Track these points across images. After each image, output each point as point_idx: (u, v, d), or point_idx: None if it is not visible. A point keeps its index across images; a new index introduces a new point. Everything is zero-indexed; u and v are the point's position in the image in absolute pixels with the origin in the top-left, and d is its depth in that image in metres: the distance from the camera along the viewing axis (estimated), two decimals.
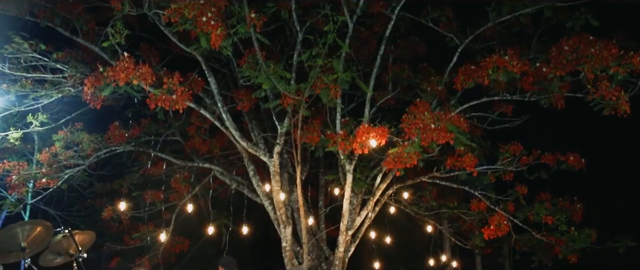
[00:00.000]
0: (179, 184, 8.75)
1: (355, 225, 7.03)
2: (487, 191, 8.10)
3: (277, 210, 6.98)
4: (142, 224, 9.10)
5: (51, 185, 7.91)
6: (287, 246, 6.84)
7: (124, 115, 8.62)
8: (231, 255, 7.41)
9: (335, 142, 6.31)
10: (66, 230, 5.62)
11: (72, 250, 5.69)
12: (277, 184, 6.93)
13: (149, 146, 8.29)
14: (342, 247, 6.92)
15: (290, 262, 6.80)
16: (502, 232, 7.97)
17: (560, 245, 8.25)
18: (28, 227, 5.32)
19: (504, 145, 7.90)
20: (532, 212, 7.98)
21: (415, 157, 5.77)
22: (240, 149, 7.46)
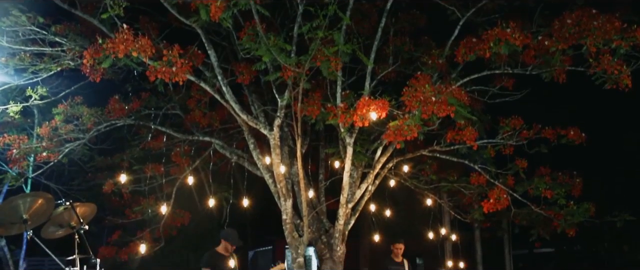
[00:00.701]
0: (179, 157, 8.77)
1: (355, 198, 7.06)
2: (487, 165, 8.12)
3: (278, 183, 7.00)
4: (142, 197, 9.14)
5: (52, 159, 7.94)
6: (288, 219, 6.87)
7: (123, 89, 8.60)
8: (232, 228, 7.45)
9: (335, 114, 6.30)
10: (67, 203, 5.64)
11: (74, 223, 5.71)
12: (277, 157, 6.93)
13: (149, 120, 8.28)
14: (342, 219, 6.96)
15: (291, 234, 6.84)
16: (502, 206, 8.01)
17: (558, 219, 8.30)
18: (29, 199, 5.34)
19: (504, 119, 7.89)
20: (532, 186, 8.02)
21: (415, 130, 5.76)
22: (240, 122, 7.45)
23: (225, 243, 7.06)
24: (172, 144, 8.80)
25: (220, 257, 7.08)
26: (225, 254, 7.07)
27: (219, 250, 7.12)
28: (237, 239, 7.02)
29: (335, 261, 6.99)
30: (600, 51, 6.37)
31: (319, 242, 7.26)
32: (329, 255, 7.07)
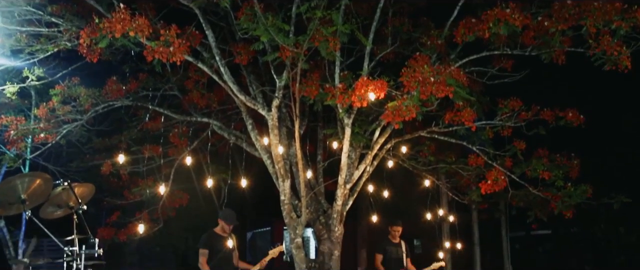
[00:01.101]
0: (177, 138, 8.77)
1: (354, 179, 7.06)
2: (485, 146, 8.12)
3: (276, 164, 7.00)
4: (141, 179, 9.15)
5: (49, 140, 7.93)
6: (286, 199, 6.88)
7: (121, 70, 8.56)
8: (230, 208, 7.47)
9: (333, 95, 6.28)
10: (65, 183, 5.65)
11: (72, 203, 5.72)
12: (275, 138, 6.93)
13: (147, 101, 8.26)
14: (340, 200, 6.97)
15: (289, 215, 6.85)
16: (499, 187, 8.02)
17: (556, 201, 8.33)
18: (27, 179, 5.34)
19: (503, 100, 7.88)
20: (530, 168, 8.03)
21: (414, 110, 5.75)
22: (238, 102, 7.43)
23: (222, 223, 7.08)
24: (170, 125, 8.79)
25: (218, 237, 7.11)
26: (223, 235, 7.10)
27: (217, 231, 7.15)
28: (235, 219, 7.04)
29: (333, 241, 7.02)
30: (600, 32, 6.33)
31: (317, 223, 7.28)
32: (327, 236, 7.10)
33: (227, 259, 7.11)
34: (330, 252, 7.02)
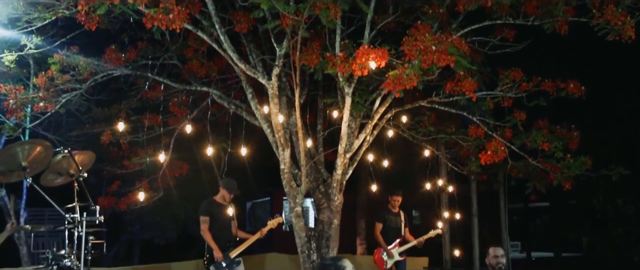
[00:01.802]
0: (177, 107, 8.76)
1: (353, 148, 7.06)
2: (485, 117, 8.11)
3: (276, 133, 7.00)
4: (141, 148, 9.16)
5: (49, 110, 7.92)
6: (286, 168, 6.89)
7: (120, 39, 8.50)
8: (231, 177, 7.50)
9: (334, 64, 6.24)
10: (66, 150, 5.66)
11: (73, 170, 5.75)
12: (275, 107, 6.91)
13: (146, 70, 8.21)
14: (340, 169, 6.98)
15: (289, 184, 6.88)
16: (499, 158, 8.04)
17: (555, 172, 8.35)
18: (27, 147, 5.35)
19: (504, 71, 7.84)
20: (529, 139, 8.02)
21: (415, 79, 5.72)
22: (238, 71, 7.39)
23: (223, 191, 7.13)
24: (170, 94, 8.76)
25: (218, 205, 7.15)
26: (223, 203, 7.15)
27: (217, 199, 7.19)
28: (236, 189, 7.09)
29: (333, 210, 7.05)
30: (604, 1, 6.28)
31: (316, 192, 7.31)
32: (327, 205, 7.14)
33: (226, 226, 7.18)
34: (329, 221, 7.06)
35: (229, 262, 7.01)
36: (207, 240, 7.00)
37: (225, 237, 7.13)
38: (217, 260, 6.92)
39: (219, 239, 7.03)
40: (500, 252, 5.69)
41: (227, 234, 7.21)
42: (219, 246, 6.97)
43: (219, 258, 6.90)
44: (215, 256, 6.92)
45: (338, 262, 3.43)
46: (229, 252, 7.05)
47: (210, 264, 7.00)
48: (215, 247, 6.93)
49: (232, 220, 7.32)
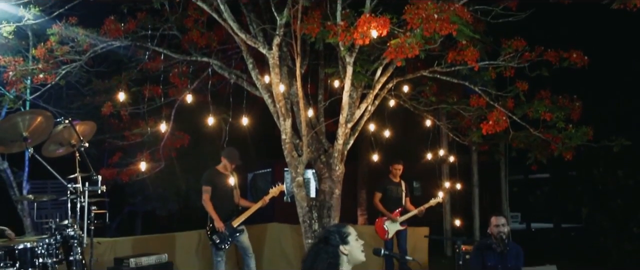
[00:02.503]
0: (177, 78, 8.72)
1: (355, 118, 7.04)
2: (487, 87, 8.07)
3: (277, 103, 6.97)
4: (142, 120, 9.16)
5: (49, 81, 7.89)
6: (287, 139, 6.89)
7: (119, 10, 8.42)
8: (233, 147, 7.52)
9: (335, 33, 6.18)
10: (66, 121, 5.66)
11: (74, 141, 5.76)
12: (276, 77, 6.87)
13: (146, 41, 8.16)
14: (341, 139, 6.97)
15: (290, 154, 6.88)
16: (500, 128, 8.03)
17: (556, 143, 8.33)
18: (28, 117, 5.35)
19: (506, 40, 7.77)
20: (531, 109, 7.99)
21: (417, 48, 5.67)
22: (238, 41, 7.33)
23: (225, 161, 7.16)
24: (170, 65, 8.71)
25: (219, 175, 7.19)
26: (225, 173, 7.18)
27: (219, 168, 7.23)
28: (237, 158, 7.12)
29: (334, 180, 7.07)
30: None
31: (317, 162, 7.32)
32: (328, 175, 7.15)
33: (228, 196, 7.23)
34: (331, 190, 7.08)
35: (231, 231, 7.07)
36: (209, 210, 7.05)
37: (227, 207, 7.18)
38: (218, 230, 6.98)
39: (221, 208, 7.08)
40: (502, 221, 5.72)
41: (229, 204, 7.26)
42: (220, 216, 7.02)
43: (221, 228, 6.96)
44: (216, 226, 6.97)
45: (342, 228, 3.44)
46: (231, 222, 7.10)
47: (212, 234, 7.07)
48: (216, 217, 6.98)
49: (234, 189, 7.35)
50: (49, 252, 5.08)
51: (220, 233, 7.02)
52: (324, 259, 3.31)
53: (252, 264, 7.29)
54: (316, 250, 3.39)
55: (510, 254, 5.67)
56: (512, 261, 5.66)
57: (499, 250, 5.68)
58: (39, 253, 5.00)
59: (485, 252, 5.73)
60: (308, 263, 3.37)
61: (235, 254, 7.99)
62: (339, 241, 3.36)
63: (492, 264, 5.66)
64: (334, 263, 3.32)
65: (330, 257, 3.31)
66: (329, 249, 3.34)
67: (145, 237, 8.13)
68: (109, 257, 6.97)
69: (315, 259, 3.33)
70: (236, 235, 7.18)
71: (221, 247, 7.08)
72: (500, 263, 5.66)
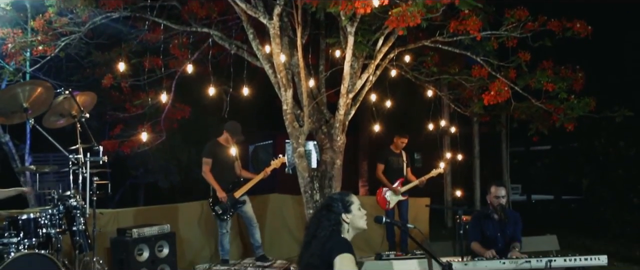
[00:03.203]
0: (177, 49, 8.67)
1: (356, 88, 7.01)
2: (489, 57, 8.02)
3: (278, 74, 6.94)
4: (142, 92, 9.14)
5: (48, 53, 7.86)
6: (288, 109, 6.87)
7: None
8: (236, 121, 7.51)
9: (336, 2, 6.11)
10: (67, 92, 5.65)
11: (74, 112, 5.76)
12: (277, 47, 6.82)
13: (146, 11, 8.08)
14: (343, 109, 6.96)
15: (291, 124, 6.87)
16: (502, 98, 8.00)
17: (558, 113, 8.31)
18: (28, 88, 5.34)
19: (509, 10, 7.69)
20: (533, 80, 7.94)
21: (418, 16, 5.61)
22: (239, 11, 7.26)
23: (227, 134, 7.17)
24: (170, 36, 8.65)
25: (221, 146, 7.21)
26: (226, 145, 7.19)
27: (221, 140, 7.24)
28: (239, 133, 7.13)
29: (335, 151, 7.07)
30: None
31: (319, 133, 7.31)
32: (329, 145, 7.15)
33: (229, 167, 7.25)
34: (332, 161, 7.09)
35: (233, 202, 7.11)
36: (210, 181, 7.09)
37: (228, 178, 7.21)
38: (221, 201, 7.02)
39: (222, 180, 7.12)
40: (502, 192, 5.73)
41: (230, 175, 7.29)
42: (222, 187, 7.06)
43: (223, 198, 7.00)
44: (219, 196, 7.01)
45: (345, 196, 3.46)
46: (232, 193, 7.13)
47: (215, 205, 7.11)
48: (218, 187, 7.02)
49: (236, 161, 7.37)
50: (52, 223, 5.11)
51: (222, 204, 7.06)
52: (326, 226, 3.34)
53: (256, 234, 7.36)
54: (319, 217, 3.42)
55: (508, 222, 5.71)
56: (510, 228, 5.70)
57: (497, 219, 5.71)
58: (43, 223, 5.03)
59: (483, 221, 5.76)
60: (311, 229, 3.41)
61: (236, 224, 8.03)
62: (341, 209, 3.39)
63: (491, 233, 5.70)
64: (336, 230, 3.35)
65: (333, 225, 3.34)
66: (331, 216, 3.37)
67: (148, 208, 8.18)
68: (112, 227, 7.01)
69: (318, 226, 3.36)
70: (238, 206, 7.22)
71: (224, 218, 7.13)
72: (498, 232, 5.70)
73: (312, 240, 3.34)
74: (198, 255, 7.89)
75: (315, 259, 3.24)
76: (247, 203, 7.31)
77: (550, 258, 5.02)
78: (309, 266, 3.26)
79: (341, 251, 3.12)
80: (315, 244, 3.30)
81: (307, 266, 3.28)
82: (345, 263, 3.08)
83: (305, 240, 3.43)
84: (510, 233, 5.69)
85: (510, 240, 5.64)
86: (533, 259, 5.02)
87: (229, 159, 7.30)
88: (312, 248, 3.30)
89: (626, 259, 8.63)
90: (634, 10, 11.33)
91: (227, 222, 7.20)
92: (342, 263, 3.07)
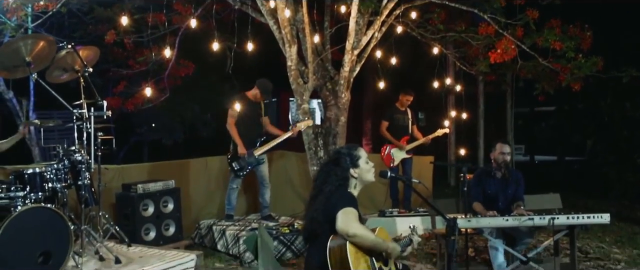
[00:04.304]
0: (181, 5, 8.55)
1: (361, 45, 6.92)
2: (496, 15, 7.89)
3: (282, 29, 6.83)
4: (146, 49, 9.07)
5: (50, 9, 7.76)
6: (292, 65, 6.80)
7: None
8: (237, 78, 7.41)
9: None
10: (69, 46, 5.59)
11: (77, 66, 5.70)
12: (281, 2, 6.68)
13: None
14: (348, 66, 6.88)
15: (296, 81, 6.81)
16: (509, 57, 7.92)
17: (565, 73, 8.25)
18: (30, 41, 5.27)
19: None
20: (541, 38, 7.84)
21: None
22: None
23: (257, 91, 7.09)
24: None
25: (249, 101, 7.15)
26: (254, 100, 7.13)
27: (249, 95, 7.18)
28: (269, 93, 7.06)
29: (340, 108, 7.04)
30: None
31: (323, 89, 7.26)
32: (334, 102, 7.11)
33: (254, 123, 7.19)
34: (336, 118, 7.06)
35: (252, 159, 7.05)
36: (232, 135, 7.01)
37: (251, 134, 7.12)
38: (240, 156, 6.97)
39: (245, 135, 7.04)
40: (507, 149, 5.72)
41: (254, 132, 7.19)
42: (244, 142, 7.00)
43: (243, 154, 6.95)
44: (239, 151, 6.96)
45: (353, 150, 3.44)
46: (253, 150, 7.08)
47: (233, 160, 7.07)
48: (240, 143, 6.96)
49: (261, 117, 7.29)
50: (58, 177, 5.12)
51: (241, 160, 7.00)
52: (333, 181, 3.33)
53: (266, 194, 7.36)
54: (327, 170, 3.41)
55: (511, 181, 5.71)
56: (512, 188, 5.70)
57: (499, 176, 5.71)
58: (48, 178, 5.04)
59: (485, 179, 5.76)
60: (318, 183, 3.41)
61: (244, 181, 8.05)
62: (349, 164, 3.38)
63: (492, 191, 5.71)
64: (343, 185, 3.35)
65: (340, 180, 3.34)
66: (338, 171, 3.36)
67: (153, 164, 8.19)
68: (117, 183, 7.05)
69: (325, 181, 3.36)
70: (256, 165, 7.17)
71: (239, 174, 7.08)
72: (500, 191, 5.70)
73: (319, 194, 3.34)
74: (202, 211, 7.96)
75: (319, 213, 3.25)
76: (265, 163, 7.29)
77: (553, 216, 5.03)
78: (313, 221, 3.27)
79: (344, 206, 3.13)
80: (320, 199, 3.30)
81: (311, 220, 3.29)
82: (347, 218, 3.08)
83: (312, 194, 3.43)
84: (512, 192, 5.70)
85: (511, 200, 5.66)
86: (536, 217, 5.04)
87: (255, 115, 7.22)
88: (317, 202, 3.31)
89: (628, 220, 8.69)
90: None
91: (241, 178, 7.17)
92: (344, 218, 3.08)
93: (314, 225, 3.26)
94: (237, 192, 7.28)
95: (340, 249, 3.03)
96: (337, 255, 3.02)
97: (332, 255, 3.02)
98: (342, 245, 3.04)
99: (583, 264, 6.13)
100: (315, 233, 3.25)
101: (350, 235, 3.04)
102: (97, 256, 5.37)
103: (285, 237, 6.51)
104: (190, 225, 7.49)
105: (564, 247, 6.47)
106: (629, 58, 9.54)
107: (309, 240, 3.36)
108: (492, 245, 5.41)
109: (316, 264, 3.13)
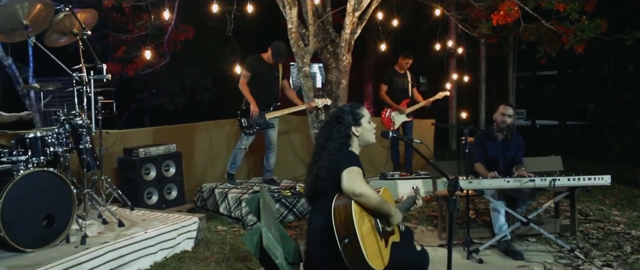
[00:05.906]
0: None
1: (362, 6, 6.81)
2: None
3: None
4: (144, 12, 8.97)
5: None
6: (293, 28, 6.71)
7: None
8: (238, 42, 7.33)
9: None
10: (67, 8, 5.53)
11: (76, 29, 5.66)
12: None
13: None
14: (349, 28, 6.79)
15: (296, 43, 6.73)
16: (511, 19, 7.85)
17: (568, 35, 8.19)
18: (27, 4, 5.20)
19: None
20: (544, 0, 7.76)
21: None
22: None
23: (270, 53, 7.03)
24: None
25: (263, 63, 7.10)
26: (268, 62, 7.08)
27: (264, 56, 7.12)
28: (281, 56, 6.99)
29: (341, 70, 6.97)
30: None
31: (324, 52, 7.18)
32: (335, 65, 7.04)
33: (269, 86, 7.14)
34: (338, 80, 7.01)
35: (262, 121, 7.02)
36: (245, 94, 6.95)
37: (265, 97, 7.06)
38: (251, 115, 6.93)
39: (258, 97, 6.99)
40: (510, 111, 5.69)
41: (268, 94, 7.11)
42: (258, 104, 6.96)
43: (255, 112, 6.91)
44: (251, 109, 6.91)
45: (356, 109, 3.42)
46: (265, 113, 7.05)
47: (242, 116, 7.01)
48: (253, 101, 6.90)
49: (277, 79, 7.23)
50: (59, 141, 5.12)
51: (250, 118, 6.96)
52: (335, 138, 3.32)
53: (271, 159, 7.35)
54: (329, 128, 3.40)
55: (511, 144, 5.70)
56: (513, 151, 5.70)
57: (500, 138, 5.70)
58: (49, 142, 5.04)
59: (486, 141, 5.75)
60: (321, 141, 3.40)
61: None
62: (351, 122, 3.36)
63: (493, 153, 5.70)
64: (346, 143, 3.34)
65: (342, 137, 3.33)
66: (341, 128, 3.35)
67: (154, 128, 8.18)
68: (119, 148, 7.06)
69: (327, 138, 3.35)
70: (266, 127, 7.14)
71: (247, 132, 7.02)
72: (500, 154, 5.70)
73: (322, 152, 3.33)
74: (204, 175, 8.00)
75: (323, 171, 3.24)
76: (275, 128, 7.26)
77: (554, 177, 5.05)
78: (318, 179, 3.26)
79: (349, 165, 3.12)
80: (324, 157, 3.29)
81: (315, 179, 3.28)
82: (353, 177, 3.07)
83: (315, 151, 3.42)
84: (512, 155, 5.69)
85: (511, 163, 5.66)
86: (537, 178, 5.05)
87: (269, 77, 7.14)
88: (320, 160, 3.30)
89: (628, 183, 8.72)
90: None
91: (249, 138, 7.13)
92: (349, 177, 3.07)
93: (318, 182, 3.25)
94: (244, 153, 7.25)
95: (345, 207, 3.02)
96: (341, 214, 3.02)
97: (337, 214, 3.02)
98: (347, 205, 3.03)
99: (583, 226, 6.17)
100: (320, 191, 3.24)
101: (356, 195, 3.03)
102: (100, 220, 5.42)
103: (287, 200, 6.55)
104: (192, 189, 7.52)
105: (564, 209, 6.51)
106: (632, 20, 9.44)
107: (313, 199, 3.36)
108: (493, 207, 5.43)
109: (320, 224, 3.13)
